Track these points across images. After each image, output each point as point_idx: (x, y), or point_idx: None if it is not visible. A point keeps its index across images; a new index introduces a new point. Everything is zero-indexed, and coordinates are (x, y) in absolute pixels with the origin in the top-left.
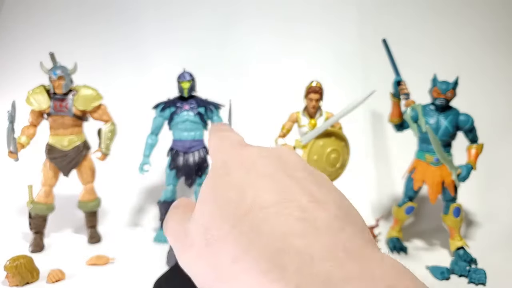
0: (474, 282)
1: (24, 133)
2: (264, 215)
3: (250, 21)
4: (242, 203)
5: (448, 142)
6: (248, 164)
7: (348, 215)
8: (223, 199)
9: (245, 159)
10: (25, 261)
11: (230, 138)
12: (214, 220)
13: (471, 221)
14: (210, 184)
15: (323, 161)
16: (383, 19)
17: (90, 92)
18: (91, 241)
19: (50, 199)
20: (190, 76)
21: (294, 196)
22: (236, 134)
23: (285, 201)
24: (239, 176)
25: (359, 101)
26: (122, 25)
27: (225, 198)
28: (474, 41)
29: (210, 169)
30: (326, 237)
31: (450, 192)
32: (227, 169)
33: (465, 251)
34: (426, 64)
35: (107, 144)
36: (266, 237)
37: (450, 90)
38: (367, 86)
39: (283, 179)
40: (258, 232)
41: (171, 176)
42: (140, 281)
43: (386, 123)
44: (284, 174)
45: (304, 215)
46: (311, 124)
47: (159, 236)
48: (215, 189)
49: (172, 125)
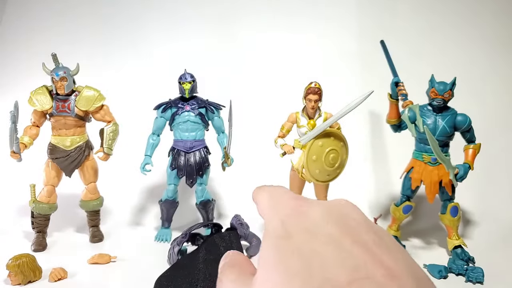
0: (471, 281)
1: (26, 134)
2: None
3: (250, 21)
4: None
5: (445, 142)
6: (310, 227)
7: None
8: (288, 270)
9: (306, 220)
10: (27, 259)
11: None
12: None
13: (468, 220)
14: (271, 249)
15: (322, 161)
16: (381, 21)
17: (93, 92)
18: (93, 240)
19: (53, 199)
20: (191, 77)
21: (367, 271)
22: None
23: (359, 278)
24: (302, 241)
25: (357, 101)
26: (123, 25)
27: (289, 268)
28: (472, 42)
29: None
30: None
31: (448, 192)
32: (288, 232)
33: (463, 250)
34: (423, 65)
35: (109, 144)
36: None
37: (447, 90)
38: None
39: (351, 247)
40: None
41: (172, 176)
42: (141, 279)
43: (384, 124)
44: (351, 239)
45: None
46: (310, 124)
47: (160, 235)
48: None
49: (173, 126)
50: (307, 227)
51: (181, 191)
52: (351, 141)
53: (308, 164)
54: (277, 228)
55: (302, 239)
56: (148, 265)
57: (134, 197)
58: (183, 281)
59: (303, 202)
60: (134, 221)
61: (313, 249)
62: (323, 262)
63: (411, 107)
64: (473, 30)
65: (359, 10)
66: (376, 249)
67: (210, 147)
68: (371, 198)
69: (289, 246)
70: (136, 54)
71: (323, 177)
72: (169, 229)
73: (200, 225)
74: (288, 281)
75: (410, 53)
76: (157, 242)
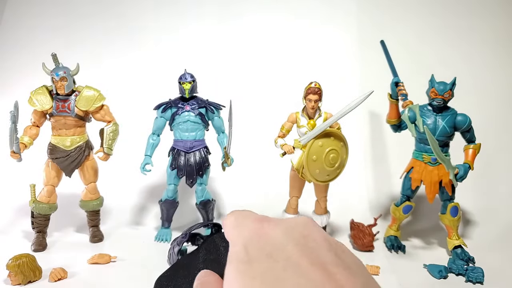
0: (471, 281)
1: (26, 133)
2: None
3: (250, 21)
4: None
5: (445, 142)
6: (271, 251)
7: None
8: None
9: (267, 243)
10: (27, 259)
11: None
12: None
13: (468, 220)
14: (234, 274)
15: (322, 161)
16: (382, 21)
17: (93, 92)
18: (93, 240)
19: (53, 199)
20: (191, 77)
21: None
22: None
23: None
24: (263, 267)
25: (357, 101)
26: (123, 25)
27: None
28: (472, 42)
29: (230, 254)
30: None
31: (448, 192)
32: (249, 257)
33: (463, 250)
34: (423, 65)
35: (109, 144)
36: None
37: (447, 91)
38: (365, 87)
39: (309, 269)
40: None
41: (172, 176)
42: (141, 279)
43: (384, 124)
44: (309, 261)
45: None
46: (310, 124)
47: (161, 235)
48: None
49: (173, 126)
50: (267, 251)
51: (181, 191)
52: (351, 141)
53: (308, 164)
54: (239, 253)
55: (263, 264)
56: (148, 265)
57: (134, 197)
58: (183, 281)
59: (266, 223)
60: (134, 221)
61: (273, 275)
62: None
63: (411, 107)
64: (473, 30)
65: (359, 10)
66: (332, 269)
67: (210, 147)
68: (371, 198)
69: (250, 272)
70: (136, 54)
71: (323, 177)
72: (169, 229)
73: (200, 225)
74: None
75: (410, 53)
76: (157, 242)
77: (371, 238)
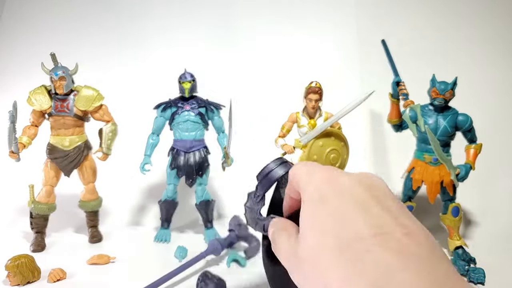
0: (473, 282)
1: (25, 133)
2: (365, 246)
3: (249, 21)
4: (343, 233)
5: (447, 142)
6: (343, 194)
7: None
8: (323, 229)
9: (340, 188)
10: (26, 260)
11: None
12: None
13: (470, 221)
14: (309, 214)
15: (322, 161)
16: (382, 20)
17: (91, 92)
18: (92, 241)
19: (51, 199)
20: (191, 77)
21: (389, 228)
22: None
23: (382, 233)
24: (336, 205)
25: (358, 101)
26: (123, 24)
27: (324, 228)
28: (473, 42)
29: (304, 197)
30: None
31: (449, 192)
32: (322, 197)
33: (464, 251)
34: (424, 64)
35: (108, 144)
36: (370, 268)
37: (448, 90)
38: (366, 86)
39: (377, 209)
40: (362, 261)
41: (172, 176)
42: (141, 279)
43: (385, 123)
44: (377, 203)
45: (400, 247)
46: (311, 124)
47: (160, 236)
48: (315, 218)
49: (173, 125)
50: (339, 192)
51: (181, 191)
52: (351, 141)
53: None
54: (314, 193)
55: (335, 203)
56: (147, 265)
57: (133, 197)
58: None
59: (335, 171)
60: (134, 221)
61: (344, 211)
62: (352, 221)
63: (412, 106)
64: (474, 30)
65: (359, 10)
66: (397, 213)
67: (210, 147)
68: None
69: (325, 209)
70: (136, 54)
71: None
72: (168, 230)
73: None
74: (324, 238)
75: (411, 53)
76: (156, 242)
77: None
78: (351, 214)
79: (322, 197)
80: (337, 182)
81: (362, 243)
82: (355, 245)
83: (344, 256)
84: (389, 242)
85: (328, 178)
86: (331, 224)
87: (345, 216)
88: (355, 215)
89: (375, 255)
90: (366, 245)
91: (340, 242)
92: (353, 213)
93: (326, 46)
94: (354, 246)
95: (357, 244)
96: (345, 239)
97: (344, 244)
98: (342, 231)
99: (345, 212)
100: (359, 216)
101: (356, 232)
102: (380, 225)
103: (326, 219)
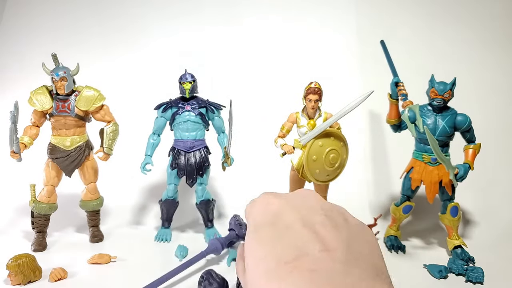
0: (471, 281)
1: (26, 133)
2: (287, 270)
3: (250, 21)
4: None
5: (445, 142)
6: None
7: (356, 256)
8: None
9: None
10: (27, 259)
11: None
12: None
13: (468, 220)
14: (248, 243)
15: (322, 161)
16: (381, 21)
17: (92, 92)
18: (93, 240)
19: (53, 199)
20: (192, 77)
21: (308, 247)
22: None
23: (301, 255)
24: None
25: (357, 101)
26: (123, 25)
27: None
28: (472, 42)
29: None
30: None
31: (448, 192)
32: (256, 229)
33: (463, 250)
34: (423, 65)
35: (109, 144)
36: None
37: (447, 91)
38: (365, 87)
39: (300, 230)
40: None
41: (172, 176)
42: (141, 279)
43: (384, 124)
44: (302, 223)
45: (316, 266)
46: (310, 124)
47: (160, 235)
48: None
49: (174, 125)
50: (270, 221)
51: (181, 191)
52: (351, 141)
53: (308, 164)
54: (250, 226)
55: (266, 231)
56: (148, 265)
57: (134, 197)
58: None
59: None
60: (134, 221)
61: (271, 238)
62: (278, 246)
63: (411, 107)
64: (473, 30)
65: (358, 10)
66: (319, 228)
67: (210, 147)
68: (371, 198)
69: (257, 238)
70: (137, 54)
71: (323, 177)
72: (169, 229)
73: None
74: (257, 265)
75: (410, 53)
76: (157, 242)
77: None
78: (277, 239)
79: (256, 227)
80: (268, 210)
81: (285, 268)
82: (279, 270)
83: (270, 281)
84: (307, 263)
85: (261, 207)
86: (262, 252)
87: (272, 243)
88: (281, 240)
89: (294, 278)
90: (288, 269)
91: (268, 267)
92: (279, 238)
93: (326, 46)
94: (279, 271)
95: (281, 269)
96: (272, 264)
97: (271, 270)
98: (269, 257)
99: (272, 238)
100: (284, 241)
101: (280, 257)
102: (301, 247)
103: (258, 248)
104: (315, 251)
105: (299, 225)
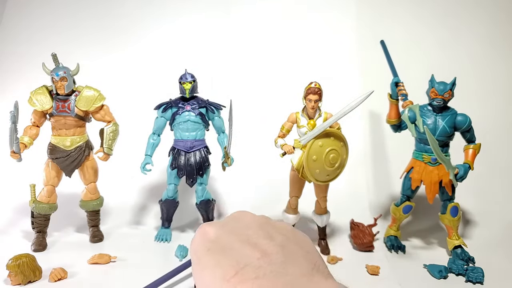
0: (471, 281)
1: (26, 134)
2: (232, 285)
3: (250, 21)
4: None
5: (445, 142)
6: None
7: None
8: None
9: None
10: (27, 260)
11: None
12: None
13: (468, 220)
14: (193, 272)
15: (322, 161)
16: (381, 21)
17: (92, 92)
18: (93, 240)
19: (53, 199)
20: (192, 77)
21: (248, 258)
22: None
23: (241, 268)
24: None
25: (357, 101)
26: (124, 25)
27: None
28: (472, 42)
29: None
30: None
31: (448, 192)
32: (198, 258)
33: (463, 250)
34: (423, 65)
35: (109, 144)
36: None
37: (447, 91)
38: (365, 87)
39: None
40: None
41: (172, 176)
42: (141, 279)
43: (384, 124)
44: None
45: (256, 273)
46: (310, 124)
47: (160, 235)
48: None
49: (174, 125)
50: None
51: (181, 191)
52: (351, 141)
53: (308, 164)
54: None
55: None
56: (148, 265)
57: (134, 197)
58: None
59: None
60: (134, 221)
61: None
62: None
63: (411, 107)
64: (473, 30)
65: (358, 10)
66: (255, 240)
67: (210, 147)
68: (371, 198)
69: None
70: (137, 54)
71: (323, 177)
72: (169, 229)
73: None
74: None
75: (410, 53)
76: (157, 242)
77: (371, 238)
78: (217, 262)
79: (198, 257)
80: (205, 239)
81: (228, 285)
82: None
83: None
84: (248, 273)
85: (200, 238)
86: (207, 278)
87: (214, 267)
88: (221, 261)
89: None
90: (231, 285)
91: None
92: (219, 260)
93: (326, 46)
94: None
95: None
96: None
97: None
98: (214, 281)
99: (212, 263)
100: (224, 261)
101: (223, 277)
102: (239, 261)
103: (203, 276)
104: (254, 259)
105: (237, 243)
